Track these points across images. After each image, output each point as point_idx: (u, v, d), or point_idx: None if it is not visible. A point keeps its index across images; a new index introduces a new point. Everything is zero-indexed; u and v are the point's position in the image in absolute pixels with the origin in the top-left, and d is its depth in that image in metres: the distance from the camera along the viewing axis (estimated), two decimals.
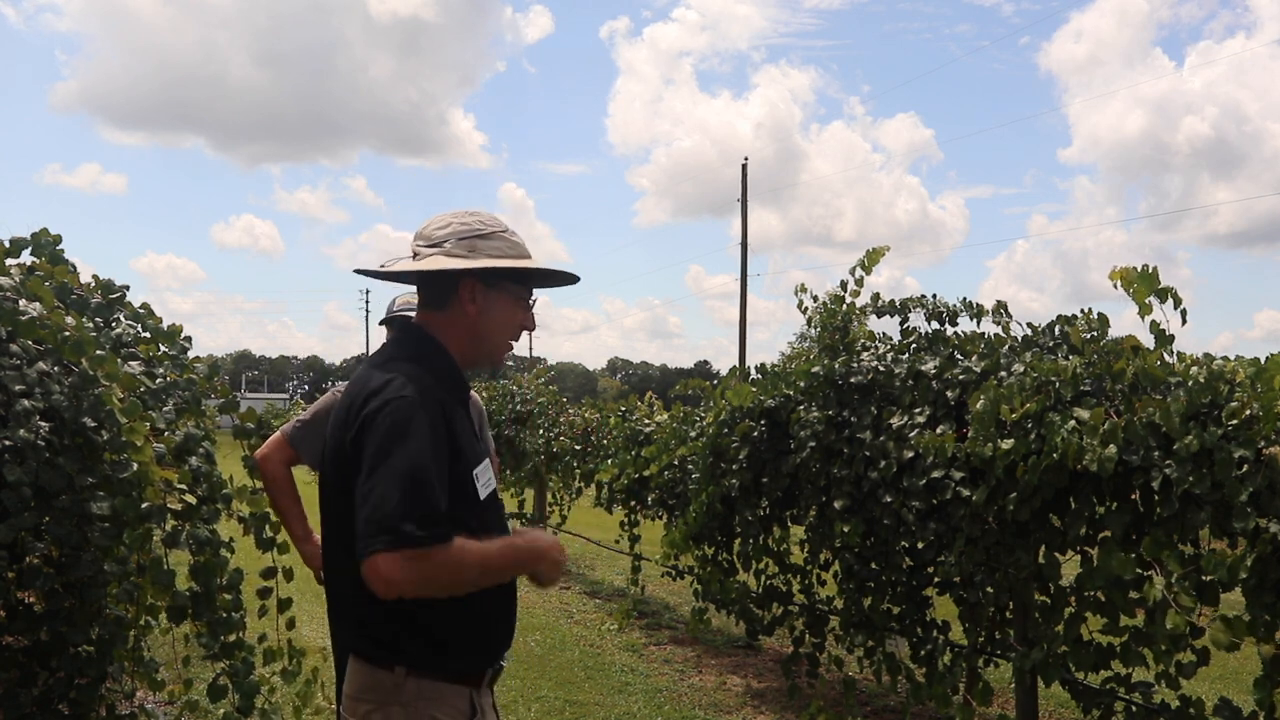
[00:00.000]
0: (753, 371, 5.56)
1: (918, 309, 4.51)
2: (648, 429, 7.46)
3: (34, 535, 2.59)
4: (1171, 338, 3.34)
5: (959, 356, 4.18)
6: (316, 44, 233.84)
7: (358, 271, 2.07)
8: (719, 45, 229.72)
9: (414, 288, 2.18)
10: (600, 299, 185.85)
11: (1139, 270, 3.35)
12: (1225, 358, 3.25)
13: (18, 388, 2.56)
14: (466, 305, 1.91)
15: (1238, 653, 2.91)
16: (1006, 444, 3.44)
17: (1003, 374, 3.78)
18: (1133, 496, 3.20)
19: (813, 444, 4.58)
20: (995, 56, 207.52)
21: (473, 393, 3.50)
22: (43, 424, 2.59)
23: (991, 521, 3.60)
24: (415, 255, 1.92)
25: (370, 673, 1.80)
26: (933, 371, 4.07)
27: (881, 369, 4.38)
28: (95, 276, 3.51)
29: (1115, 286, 3.37)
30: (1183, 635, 3.00)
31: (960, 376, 3.96)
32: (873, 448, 4.22)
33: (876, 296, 4.70)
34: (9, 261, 3.06)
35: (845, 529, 4.41)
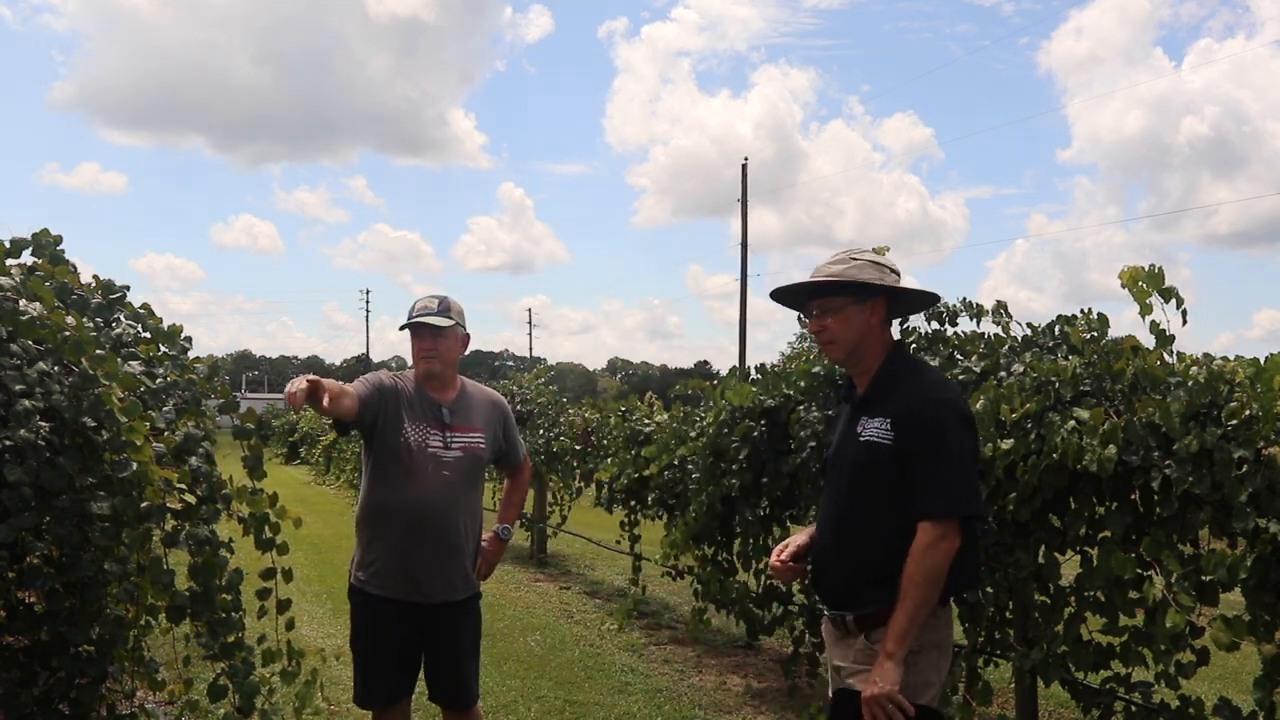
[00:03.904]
0: (753, 371, 5.57)
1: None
2: (648, 429, 7.46)
3: (34, 535, 2.59)
4: (1172, 338, 3.34)
5: (959, 356, 4.18)
6: (316, 44, 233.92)
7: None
8: (718, 46, 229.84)
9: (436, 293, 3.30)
10: (599, 299, 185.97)
11: (1146, 270, 3.34)
12: (1225, 358, 3.25)
13: (18, 388, 2.56)
14: None
15: (1238, 653, 2.91)
16: (1006, 444, 3.44)
17: (1002, 374, 3.78)
18: (1133, 496, 3.20)
19: (813, 444, 4.58)
20: (995, 56, 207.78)
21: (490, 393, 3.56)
22: (43, 424, 2.59)
23: (991, 522, 3.60)
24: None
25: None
26: None
27: None
28: (95, 277, 3.51)
29: (1123, 286, 3.36)
30: (1183, 635, 3.00)
31: (960, 376, 3.96)
32: None
33: None
34: (9, 261, 3.06)
35: None
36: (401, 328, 3.33)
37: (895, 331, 2.76)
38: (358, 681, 3.34)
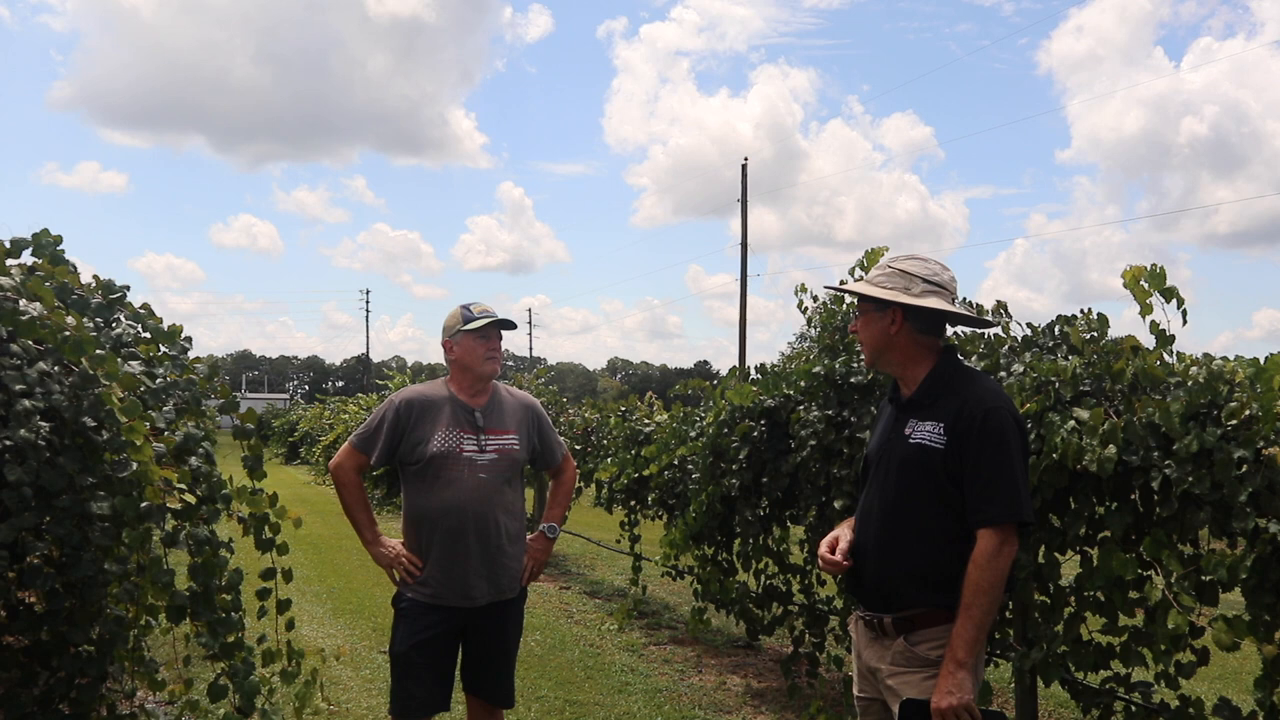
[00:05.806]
0: (753, 371, 5.57)
1: None
2: (648, 429, 7.46)
3: (35, 535, 2.59)
4: (1171, 338, 3.34)
5: (958, 357, 4.17)
6: (316, 44, 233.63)
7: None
8: (717, 45, 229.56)
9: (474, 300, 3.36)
10: (599, 299, 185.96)
11: (1149, 269, 3.34)
12: (1225, 358, 3.25)
13: (18, 388, 2.56)
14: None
15: (1238, 653, 2.91)
16: None
17: (1002, 374, 3.78)
18: (1132, 496, 3.20)
19: (813, 444, 4.58)
20: (995, 56, 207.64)
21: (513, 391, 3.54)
22: (43, 424, 2.59)
23: None
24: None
25: (946, 627, 2.32)
26: None
27: None
28: (95, 277, 3.51)
29: (1125, 286, 3.36)
30: (1183, 635, 3.00)
31: None
32: None
33: None
34: (10, 261, 3.06)
35: None
36: (475, 328, 3.27)
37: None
38: (395, 691, 3.28)
